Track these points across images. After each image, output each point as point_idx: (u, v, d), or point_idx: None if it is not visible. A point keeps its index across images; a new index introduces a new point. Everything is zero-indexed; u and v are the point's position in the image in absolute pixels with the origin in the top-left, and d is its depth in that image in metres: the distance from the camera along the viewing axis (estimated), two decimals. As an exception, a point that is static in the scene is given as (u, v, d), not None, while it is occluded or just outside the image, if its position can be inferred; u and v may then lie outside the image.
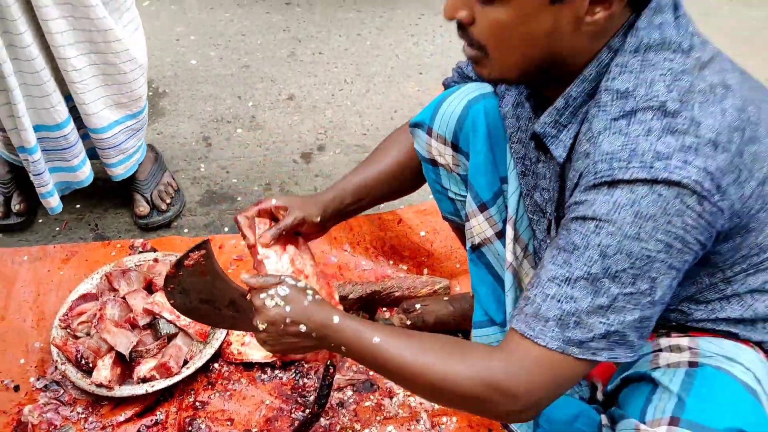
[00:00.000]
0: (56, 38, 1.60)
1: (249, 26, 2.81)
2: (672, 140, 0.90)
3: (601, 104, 0.97)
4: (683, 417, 1.00)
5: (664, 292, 0.95)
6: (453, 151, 1.33)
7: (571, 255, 0.95)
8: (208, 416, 1.60)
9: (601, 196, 0.93)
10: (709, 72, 0.95)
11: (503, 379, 0.99)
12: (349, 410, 1.62)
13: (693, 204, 0.90)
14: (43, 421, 1.60)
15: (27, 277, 1.90)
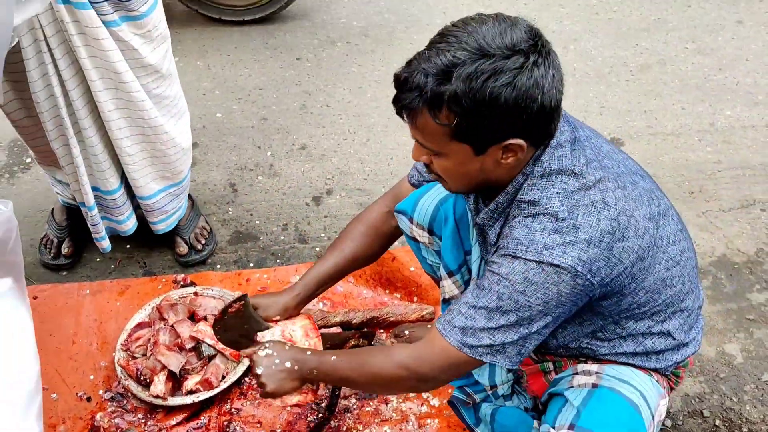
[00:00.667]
0: (115, 133, 2.03)
1: (265, 81, 3.22)
2: (558, 237, 1.32)
3: (519, 207, 1.39)
4: (578, 424, 1.42)
5: (539, 327, 1.38)
6: (429, 234, 1.77)
7: (481, 292, 1.39)
8: (241, 420, 2.02)
9: (506, 262, 1.36)
10: (593, 191, 1.34)
11: (413, 360, 1.46)
12: (353, 414, 2.03)
13: (568, 280, 1.32)
14: (112, 425, 2.01)
15: (90, 307, 2.31)
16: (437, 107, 1.26)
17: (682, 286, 1.49)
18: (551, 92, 1.27)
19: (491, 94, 1.23)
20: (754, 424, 2.01)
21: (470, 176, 1.39)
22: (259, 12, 3.49)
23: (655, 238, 1.40)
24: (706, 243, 2.49)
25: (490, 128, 1.28)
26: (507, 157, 1.34)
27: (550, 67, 1.27)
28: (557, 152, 1.36)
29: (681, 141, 2.90)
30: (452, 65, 1.23)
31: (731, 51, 3.37)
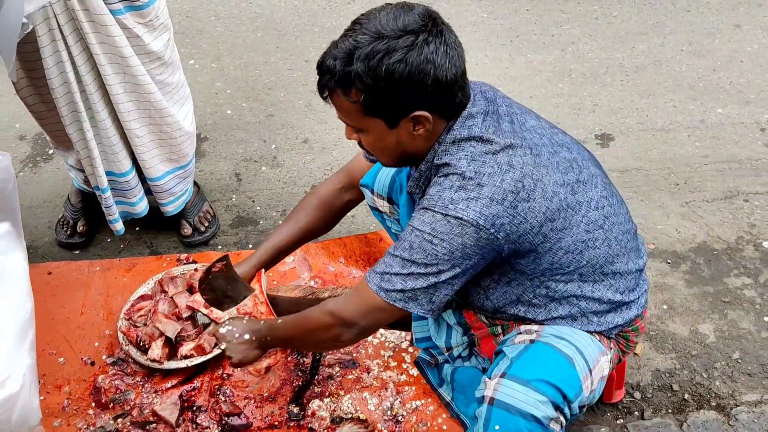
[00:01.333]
0: (124, 115, 2.22)
1: (274, 81, 3.41)
2: (463, 194, 1.45)
3: (436, 172, 1.53)
4: (509, 372, 1.53)
5: (448, 277, 1.50)
6: (389, 203, 1.91)
7: (399, 243, 1.53)
8: (231, 384, 2.16)
9: (419, 215, 1.50)
10: (500, 155, 1.47)
11: (341, 311, 1.59)
12: (336, 381, 2.15)
13: (471, 232, 1.45)
14: (112, 387, 2.17)
15: (99, 282, 2.49)
16: (347, 86, 1.43)
17: (608, 249, 1.59)
18: (444, 66, 1.41)
19: (387, 70, 1.38)
20: (723, 398, 2.07)
21: (391, 149, 1.54)
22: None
23: (568, 202, 1.51)
24: (687, 231, 2.57)
25: (393, 102, 1.43)
26: (417, 129, 1.49)
27: (442, 44, 1.41)
28: (468, 122, 1.50)
29: (670, 137, 2.99)
30: (354, 48, 1.40)
31: (727, 53, 3.45)
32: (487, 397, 1.53)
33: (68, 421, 2.07)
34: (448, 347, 1.88)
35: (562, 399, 1.51)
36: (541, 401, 1.48)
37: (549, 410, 1.49)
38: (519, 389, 1.49)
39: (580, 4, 3.85)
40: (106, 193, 2.37)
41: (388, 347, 2.23)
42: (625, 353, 1.77)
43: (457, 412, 1.89)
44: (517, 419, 1.48)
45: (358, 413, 2.05)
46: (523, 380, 1.50)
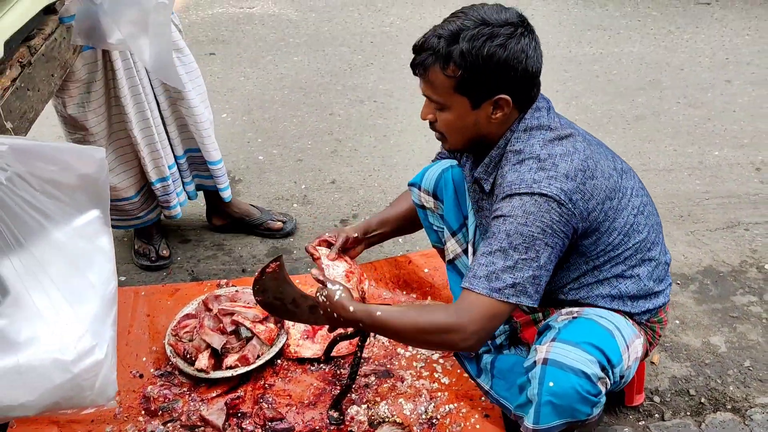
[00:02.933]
0: (191, 102, 2.57)
1: (302, 131, 3.67)
2: (542, 173, 1.64)
3: (507, 158, 1.73)
4: (558, 337, 1.68)
5: (545, 260, 1.64)
6: (434, 199, 2.10)
7: (492, 238, 1.67)
8: (273, 393, 2.29)
9: (505, 203, 1.66)
10: (566, 141, 1.69)
11: (454, 318, 1.67)
12: (372, 389, 2.28)
13: (555, 207, 1.62)
14: (161, 396, 2.29)
15: (144, 305, 2.64)
16: (447, 62, 1.63)
17: (647, 235, 1.79)
18: (533, 59, 1.64)
19: (488, 51, 1.60)
20: (737, 401, 2.20)
21: (467, 130, 1.72)
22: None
23: (619, 185, 1.73)
24: (693, 256, 2.75)
25: (485, 82, 1.64)
26: (496, 113, 1.68)
27: (533, 41, 1.65)
28: (536, 113, 1.72)
29: (672, 176, 3.22)
30: (460, 30, 1.62)
31: (720, 104, 3.73)
32: (540, 359, 1.67)
33: (119, 428, 2.18)
34: (491, 336, 2.04)
35: (607, 362, 1.66)
36: (590, 360, 1.64)
37: (597, 369, 1.64)
38: (570, 349, 1.65)
39: (582, 64, 4.17)
40: (167, 180, 2.66)
41: (419, 359, 2.37)
42: (651, 345, 1.93)
43: (497, 398, 2.02)
44: (569, 375, 1.63)
45: (395, 417, 2.17)
46: (573, 342, 1.66)
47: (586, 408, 1.68)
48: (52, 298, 1.44)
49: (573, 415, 1.69)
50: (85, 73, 2.39)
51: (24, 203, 1.37)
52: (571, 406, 1.67)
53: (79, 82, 2.39)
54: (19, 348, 1.38)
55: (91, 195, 1.53)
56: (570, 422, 1.73)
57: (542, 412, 1.69)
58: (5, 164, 1.30)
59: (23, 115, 1.85)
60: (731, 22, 4.60)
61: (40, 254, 1.41)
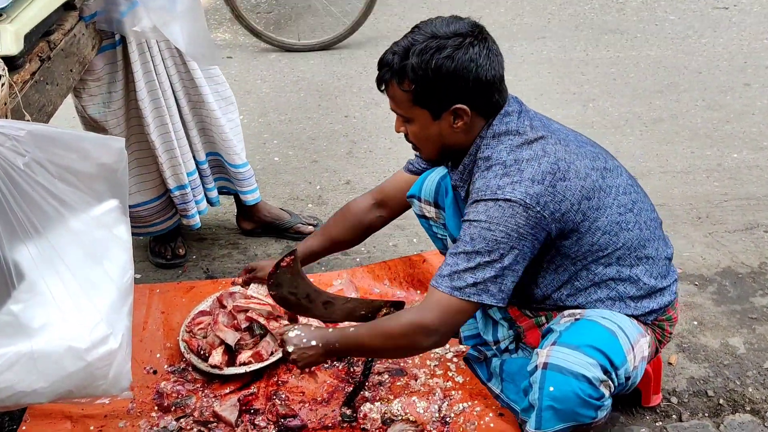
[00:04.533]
0: (210, 105, 2.56)
1: (317, 133, 3.68)
2: (507, 179, 1.65)
3: (477, 166, 1.73)
4: (559, 341, 1.67)
5: (510, 262, 1.65)
6: (435, 208, 2.10)
7: (459, 241, 1.69)
8: (287, 390, 2.28)
9: (472, 208, 1.68)
10: (535, 144, 1.69)
11: (416, 318, 1.71)
12: (385, 387, 2.27)
13: (520, 211, 1.62)
14: (174, 392, 2.29)
15: (159, 302, 2.66)
16: (401, 77, 1.66)
17: (639, 232, 1.76)
18: (485, 67, 1.65)
19: (436, 64, 1.62)
20: (757, 403, 2.17)
21: (434, 140, 1.74)
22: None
23: (600, 185, 1.70)
24: (712, 257, 2.72)
25: (439, 94, 1.65)
26: (457, 122, 1.70)
27: (485, 49, 1.65)
28: (505, 119, 1.72)
29: (690, 178, 3.19)
30: (411, 45, 1.65)
31: (739, 107, 3.70)
32: (540, 364, 1.66)
33: (133, 423, 2.19)
34: (496, 341, 2.02)
35: (609, 364, 1.64)
36: (590, 363, 1.62)
37: (598, 372, 1.62)
38: (570, 353, 1.63)
39: (598, 67, 4.16)
40: (186, 188, 2.64)
41: (433, 358, 2.36)
42: (662, 344, 1.90)
43: (507, 402, 2.00)
44: (569, 379, 1.61)
45: (408, 415, 2.15)
46: (573, 345, 1.64)
47: (589, 412, 1.67)
48: (68, 285, 1.44)
49: (576, 419, 1.68)
50: (105, 72, 2.41)
51: (42, 190, 1.38)
52: (573, 410, 1.65)
53: (100, 81, 2.41)
54: (33, 334, 1.39)
55: (109, 184, 1.55)
56: (574, 426, 1.71)
57: (544, 417, 1.68)
58: (24, 150, 1.32)
59: (41, 108, 1.87)
60: (749, 27, 4.56)
61: (56, 241, 1.41)
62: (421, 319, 1.70)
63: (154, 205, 2.72)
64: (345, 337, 1.85)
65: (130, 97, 2.47)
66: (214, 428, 2.16)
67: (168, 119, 2.52)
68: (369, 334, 1.81)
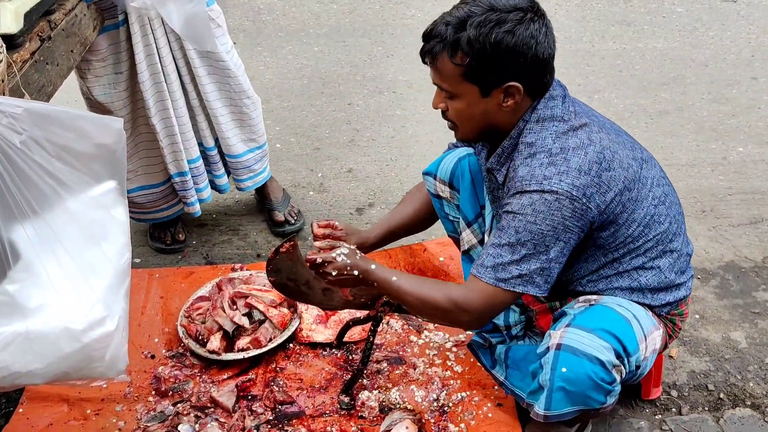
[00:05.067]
0: (208, 95, 2.52)
1: (320, 120, 3.65)
2: (553, 169, 1.61)
3: (519, 150, 1.69)
4: (573, 323, 1.65)
5: (556, 254, 1.62)
6: (450, 188, 2.07)
7: (501, 232, 1.65)
8: (285, 376, 2.27)
9: (516, 199, 1.64)
10: (580, 132, 1.65)
11: (460, 298, 1.69)
12: (384, 375, 2.25)
13: (566, 204, 1.59)
14: (171, 377, 2.28)
15: (159, 287, 2.64)
16: (454, 50, 1.60)
17: (669, 226, 1.74)
18: (543, 45, 1.60)
19: (496, 38, 1.56)
20: (757, 398, 2.15)
21: (477, 118, 1.69)
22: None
23: (639, 175, 1.68)
24: (715, 251, 2.70)
25: (494, 69, 1.60)
26: (507, 101, 1.65)
27: (544, 26, 1.61)
28: (550, 103, 1.67)
29: (695, 171, 3.16)
30: (468, 16, 1.59)
31: (745, 101, 3.66)
32: (553, 344, 1.65)
33: (129, 407, 2.18)
34: (507, 326, 2.01)
35: (623, 350, 1.63)
36: (605, 347, 1.60)
37: (611, 356, 1.61)
38: (584, 335, 1.61)
39: (605, 58, 4.12)
40: (187, 176, 2.62)
41: (432, 347, 2.34)
42: (671, 338, 1.89)
43: (512, 389, 1.99)
44: (582, 361, 1.60)
45: (406, 404, 2.14)
46: (588, 328, 1.63)
47: (599, 396, 1.65)
48: (64, 266, 1.43)
49: (586, 403, 1.66)
50: (109, 53, 2.38)
51: (39, 169, 1.36)
52: (584, 393, 1.63)
53: (104, 62, 2.39)
54: (29, 314, 1.38)
55: (107, 165, 1.53)
56: (583, 410, 1.70)
57: (554, 398, 1.66)
58: (21, 128, 1.30)
59: (41, 88, 1.85)
60: (757, 20, 4.52)
61: (53, 221, 1.40)
62: (466, 300, 1.68)
63: (158, 191, 2.70)
64: (385, 282, 1.80)
65: (134, 79, 2.45)
66: (211, 413, 2.15)
67: (170, 104, 2.49)
68: (410, 291, 1.76)
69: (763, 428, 2.05)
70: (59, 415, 2.12)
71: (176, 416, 2.13)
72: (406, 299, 1.78)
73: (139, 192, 2.67)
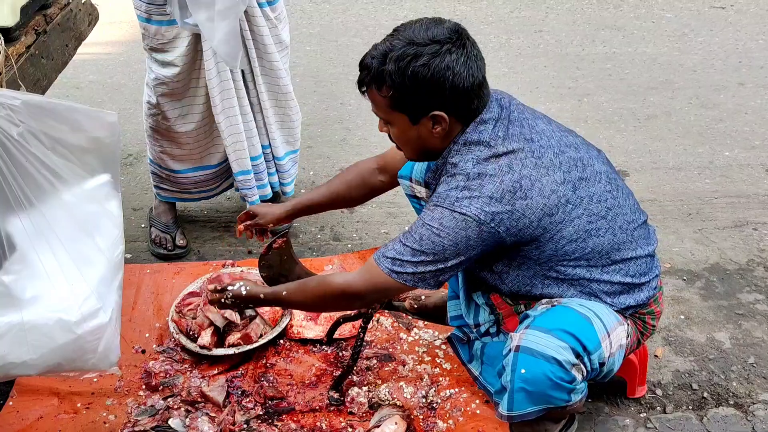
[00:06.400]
0: (263, 96, 2.59)
1: (312, 119, 3.67)
2: (466, 192, 1.66)
3: (446, 169, 1.75)
4: (532, 324, 1.69)
5: (453, 264, 1.70)
6: (426, 188, 2.11)
7: (409, 234, 1.73)
8: (275, 372, 2.28)
9: (429, 211, 1.70)
10: (502, 159, 1.68)
11: (351, 286, 1.80)
12: (373, 372, 2.28)
13: (473, 225, 1.65)
14: (162, 371, 2.29)
15: (149, 282, 2.65)
16: (379, 83, 1.66)
17: (613, 237, 1.76)
18: (462, 75, 1.63)
19: (412, 71, 1.61)
20: (740, 397, 2.19)
21: (413, 143, 1.76)
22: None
23: (567, 198, 1.70)
24: (700, 253, 2.74)
25: (416, 100, 1.66)
26: (436, 127, 1.70)
27: (463, 55, 1.64)
28: (480, 127, 1.72)
29: (682, 174, 3.21)
30: (389, 50, 1.64)
31: (732, 106, 3.72)
32: (513, 347, 1.69)
33: (120, 401, 2.19)
34: (476, 324, 2.04)
35: (582, 349, 1.66)
36: (562, 347, 1.64)
37: (569, 356, 1.64)
38: (542, 336, 1.66)
39: (594, 62, 4.17)
40: (250, 174, 2.67)
41: (422, 344, 2.37)
42: (644, 335, 1.92)
43: (484, 384, 2.02)
44: (540, 362, 1.64)
45: (395, 400, 2.17)
46: (546, 329, 1.66)
47: (561, 395, 1.69)
48: (59, 258, 1.44)
49: (549, 402, 1.70)
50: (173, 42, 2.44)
51: (36, 161, 1.38)
52: (545, 392, 1.67)
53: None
54: (23, 305, 1.39)
55: (101, 158, 1.54)
56: (548, 408, 1.73)
57: (515, 399, 1.70)
58: (18, 120, 1.31)
59: (36, 82, 1.86)
60: (745, 27, 4.59)
61: (48, 213, 1.41)
62: (353, 286, 1.80)
63: (209, 172, 2.77)
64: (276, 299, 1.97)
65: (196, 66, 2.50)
66: (202, 408, 2.16)
67: (236, 101, 2.54)
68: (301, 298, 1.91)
69: (745, 427, 2.09)
70: (49, 408, 2.13)
71: (167, 410, 2.14)
72: (303, 306, 1.96)
73: (192, 173, 2.72)
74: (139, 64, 3.82)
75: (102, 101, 3.83)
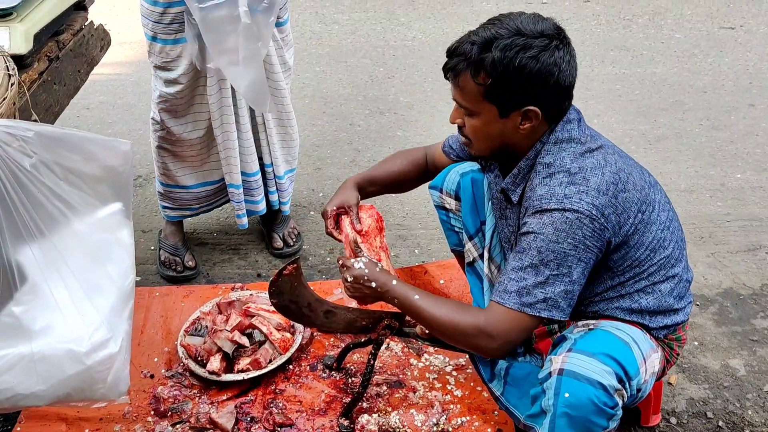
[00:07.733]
0: (267, 115, 2.60)
1: (321, 140, 3.67)
2: (573, 188, 1.63)
3: (537, 171, 1.71)
4: (575, 348, 1.66)
5: (578, 275, 1.64)
6: (456, 201, 2.09)
7: (522, 254, 1.66)
8: (284, 398, 2.26)
9: (535, 219, 1.65)
10: (596, 153, 1.67)
11: (485, 325, 1.68)
12: (384, 399, 2.25)
13: (587, 222, 1.61)
14: (171, 397, 2.28)
15: (158, 306, 2.64)
16: (478, 69, 1.63)
17: (672, 251, 1.76)
18: (566, 73, 1.63)
19: (520, 62, 1.59)
20: (756, 426, 2.15)
21: (493, 137, 1.72)
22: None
23: (649, 199, 1.71)
24: (713, 277, 2.71)
25: (514, 93, 1.63)
26: (524, 123, 1.67)
27: (568, 54, 1.63)
28: (567, 126, 1.71)
29: (693, 197, 3.18)
30: (494, 38, 1.61)
31: (743, 128, 3.70)
32: (555, 370, 1.65)
33: (128, 427, 2.17)
34: None
35: (624, 374, 1.63)
36: (606, 371, 1.61)
37: (613, 381, 1.61)
38: (586, 360, 1.62)
39: (604, 83, 4.16)
40: (239, 188, 2.69)
41: (432, 371, 2.34)
42: (669, 363, 1.89)
43: (507, 406, 1.99)
44: (585, 386, 1.60)
45: (406, 428, 2.14)
46: (590, 353, 1.63)
47: (602, 421, 1.65)
48: (70, 288, 1.43)
49: (589, 428, 1.66)
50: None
51: (47, 191, 1.37)
52: (587, 417, 1.64)
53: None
54: (33, 336, 1.38)
55: (114, 187, 1.54)
56: None
57: (557, 424, 1.66)
58: (31, 151, 1.31)
59: (48, 108, 1.87)
60: (755, 47, 4.58)
61: (60, 243, 1.40)
62: (488, 327, 1.66)
63: (213, 188, 2.79)
64: (405, 300, 1.79)
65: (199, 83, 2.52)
66: (210, 435, 2.14)
67: (233, 118, 2.55)
68: (432, 312, 1.74)
69: (762, 457, 2.06)
70: (57, 434, 2.11)
71: (175, 437, 2.12)
72: (426, 320, 1.77)
73: (195, 189, 2.75)
74: (148, 85, 3.83)
75: (112, 122, 3.84)
